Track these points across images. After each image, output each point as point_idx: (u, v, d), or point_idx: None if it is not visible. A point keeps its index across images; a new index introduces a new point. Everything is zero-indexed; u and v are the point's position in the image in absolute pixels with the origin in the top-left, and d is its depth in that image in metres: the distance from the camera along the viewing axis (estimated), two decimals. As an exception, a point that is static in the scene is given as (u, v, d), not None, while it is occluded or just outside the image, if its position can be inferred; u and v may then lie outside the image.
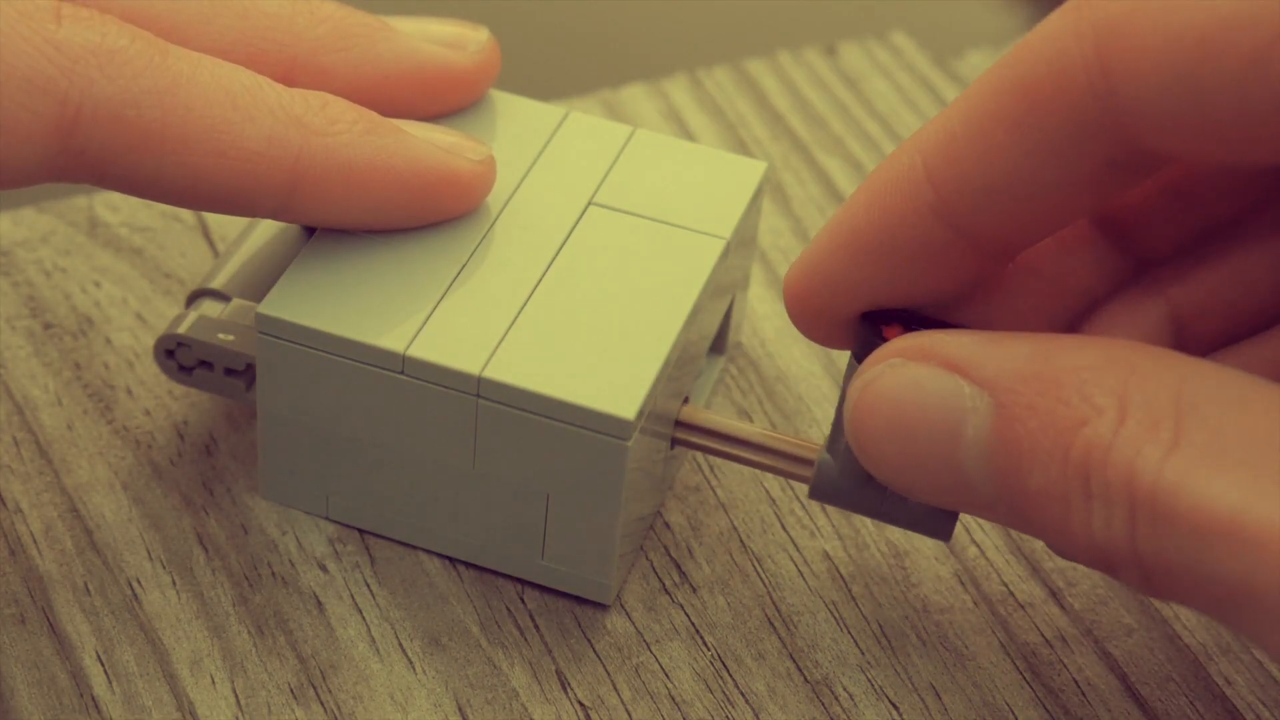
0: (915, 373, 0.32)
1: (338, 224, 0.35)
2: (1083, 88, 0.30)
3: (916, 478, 0.33)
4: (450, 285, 0.35)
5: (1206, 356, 0.34)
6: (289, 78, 0.36)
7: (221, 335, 0.37)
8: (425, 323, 0.35)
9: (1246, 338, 0.35)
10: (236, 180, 0.33)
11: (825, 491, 0.35)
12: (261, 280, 0.38)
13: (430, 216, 0.36)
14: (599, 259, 0.36)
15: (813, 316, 0.35)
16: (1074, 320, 0.35)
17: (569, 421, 0.34)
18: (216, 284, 0.38)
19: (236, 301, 0.37)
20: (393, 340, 0.34)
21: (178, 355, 0.37)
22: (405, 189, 0.35)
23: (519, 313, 0.35)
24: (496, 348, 0.34)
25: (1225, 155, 0.30)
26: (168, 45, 0.33)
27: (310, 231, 0.38)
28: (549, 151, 0.38)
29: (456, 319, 0.35)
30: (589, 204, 0.37)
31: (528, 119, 0.39)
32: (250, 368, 0.37)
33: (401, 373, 0.34)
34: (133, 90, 0.32)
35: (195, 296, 0.38)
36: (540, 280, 0.36)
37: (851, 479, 0.35)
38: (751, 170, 0.39)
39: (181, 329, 0.37)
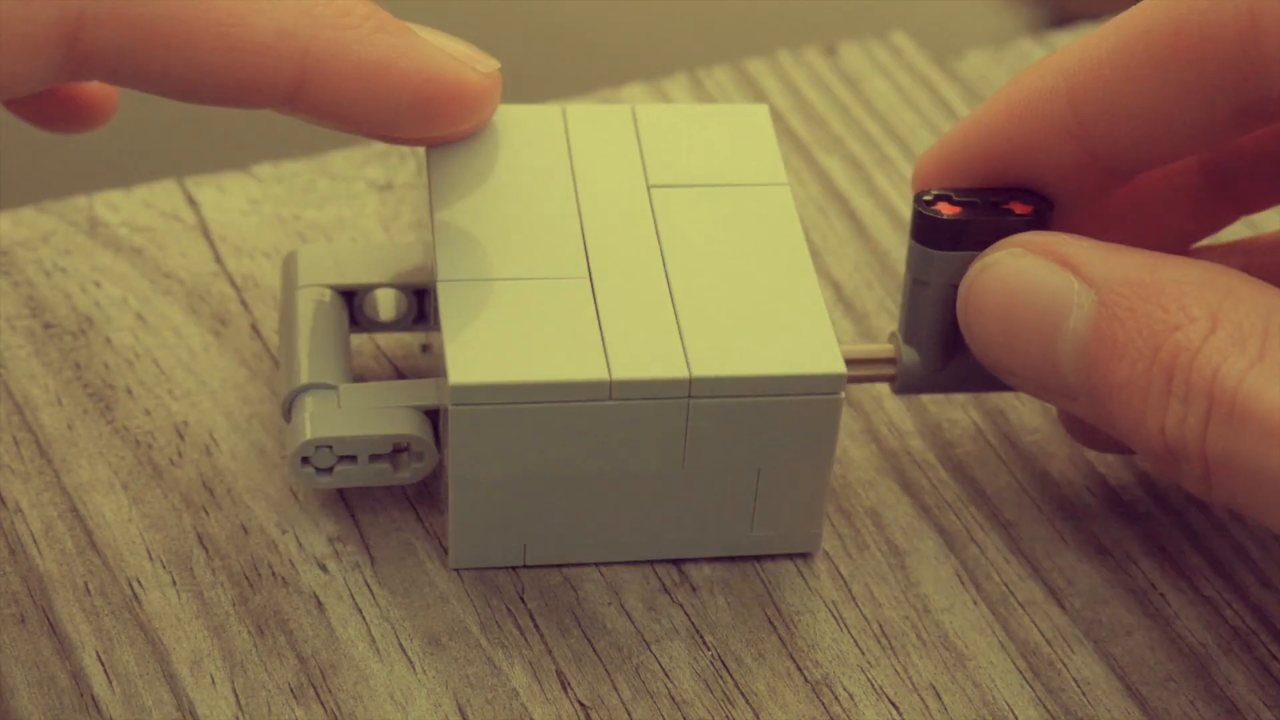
0: (1032, 263, 0.36)
1: (342, 123, 0.35)
2: (1232, 39, 0.34)
3: (1013, 358, 0.36)
4: (595, 302, 0.35)
5: None
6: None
7: (359, 425, 0.36)
8: (605, 344, 0.35)
9: None
10: (244, 73, 0.33)
11: (911, 384, 0.38)
12: (341, 361, 0.37)
13: (437, 126, 0.36)
14: (698, 236, 0.37)
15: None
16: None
17: (782, 393, 0.35)
18: (306, 379, 0.37)
19: (346, 386, 0.37)
20: (592, 370, 0.34)
21: (314, 460, 0.36)
22: (414, 92, 0.34)
23: (674, 308, 0.35)
24: (684, 347, 0.35)
25: None
26: None
27: (350, 311, 0.38)
28: (577, 149, 0.38)
29: (627, 332, 0.35)
30: (649, 189, 0.38)
31: (533, 123, 0.39)
32: (397, 449, 0.36)
33: (609, 399, 0.34)
34: None
35: (294, 397, 0.37)
36: (666, 272, 0.36)
37: (935, 366, 0.38)
38: (759, 115, 0.40)
39: (315, 432, 0.36)
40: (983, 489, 0.39)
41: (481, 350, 0.34)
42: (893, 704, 0.36)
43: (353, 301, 0.39)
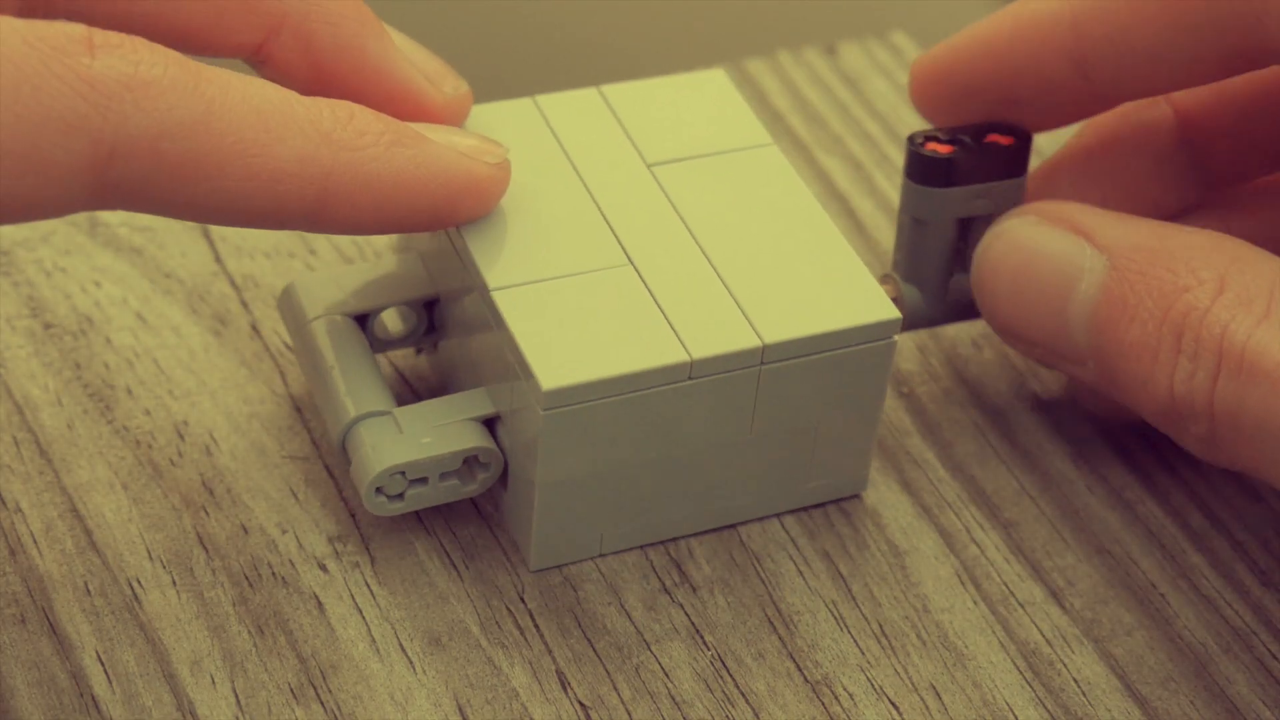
0: (1046, 229, 0.38)
1: (360, 233, 0.35)
2: None
3: (1025, 324, 0.38)
4: (647, 287, 0.36)
5: None
6: (273, 35, 0.36)
7: (427, 446, 0.36)
8: (673, 327, 0.35)
9: None
10: (267, 200, 0.33)
11: (915, 320, 0.40)
12: (381, 386, 0.37)
13: (449, 221, 0.36)
14: (714, 208, 0.37)
15: (930, 99, 0.40)
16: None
17: (845, 346, 0.36)
18: (357, 410, 0.36)
19: (399, 410, 0.36)
20: (670, 354, 0.35)
21: (387, 488, 0.36)
22: (429, 198, 0.35)
23: (722, 281, 0.36)
24: (747, 317, 0.35)
25: None
26: (200, 67, 0.33)
27: (363, 328, 0.38)
28: (565, 138, 0.39)
29: (689, 311, 0.35)
30: (649, 167, 0.38)
31: (511, 119, 0.39)
32: (468, 461, 0.36)
33: (689, 379, 0.35)
34: (167, 123, 0.32)
35: (349, 430, 0.36)
36: (701, 247, 0.37)
37: (937, 300, 0.40)
38: (719, 80, 0.40)
39: (386, 461, 0.36)
40: (983, 489, 0.39)
41: (560, 352, 0.35)
42: (893, 704, 0.36)
43: (363, 324, 0.38)
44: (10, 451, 0.38)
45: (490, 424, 0.37)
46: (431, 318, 0.39)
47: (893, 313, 0.36)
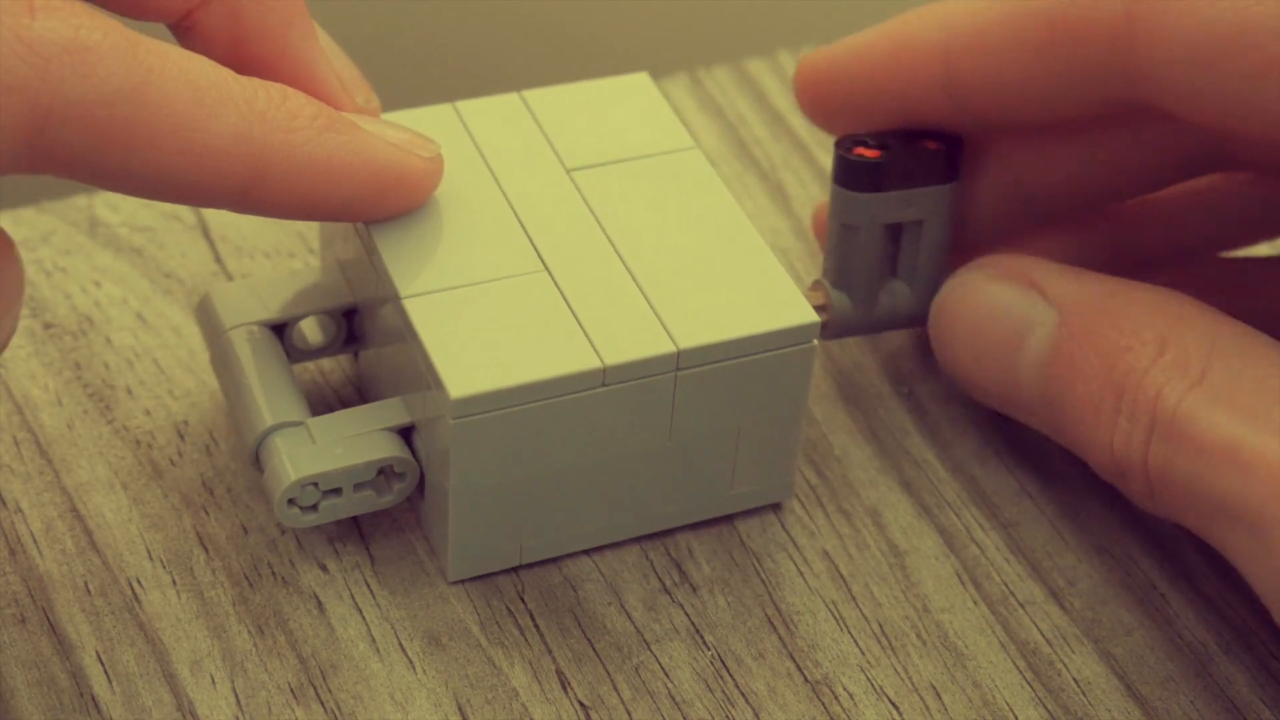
0: (1001, 284, 0.38)
1: (290, 217, 0.35)
2: (1106, 40, 0.36)
3: (979, 373, 0.39)
4: (562, 293, 0.35)
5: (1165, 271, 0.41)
6: (204, 3, 0.35)
7: (340, 456, 0.36)
8: (586, 333, 0.35)
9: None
10: (199, 175, 0.33)
11: (842, 328, 0.40)
12: (296, 396, 0.37)
13: (380, 212, 0.36)
14: (633, 212, 0.37)
15: (811, 105, 0.40)
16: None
17: (763, 350, 0.35)
18: (271, 420, 0.36)
19: (313, 420, 0.36)
20: (583, 360, 0.34)
21: (299, 500, 0.36)
22: (360, 186, 0.35)
23: (638, 286, 0.36)
24: (663, 322, 0.35)
25: (1215, 125, 0.36)
26: (139, 37, 0.33)
27: (281, 338, 0.38)
28: (484, 145, 0.38)
29: (603, 317, 0.35)
30: (569, 173, 0.38)
31: (430, 125, 0.39)
32: (384, 472, 0.36)
33: (603, 385, 0.35)
34: (104, 90, 0.32)
35: (262, 440, 0.36)
36: (618, 252, 0.36)
37: (866, 308, 0.40)
38: (642, 84, 0.40)
39: (299, 472, 0.35)
40: (983, 489, 0.39)
41: (470, 360, 0.34)
42: (893, 704, 0.36)
43: (282, 334, 0.38)
44: (10, 451, 0.38)
45: (406, 434, 0.36)
46: (351, 327, 0.39)
47: (811, 317, 0.36)
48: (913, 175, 0.38)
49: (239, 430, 0.37)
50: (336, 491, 0.36)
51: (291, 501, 0.35)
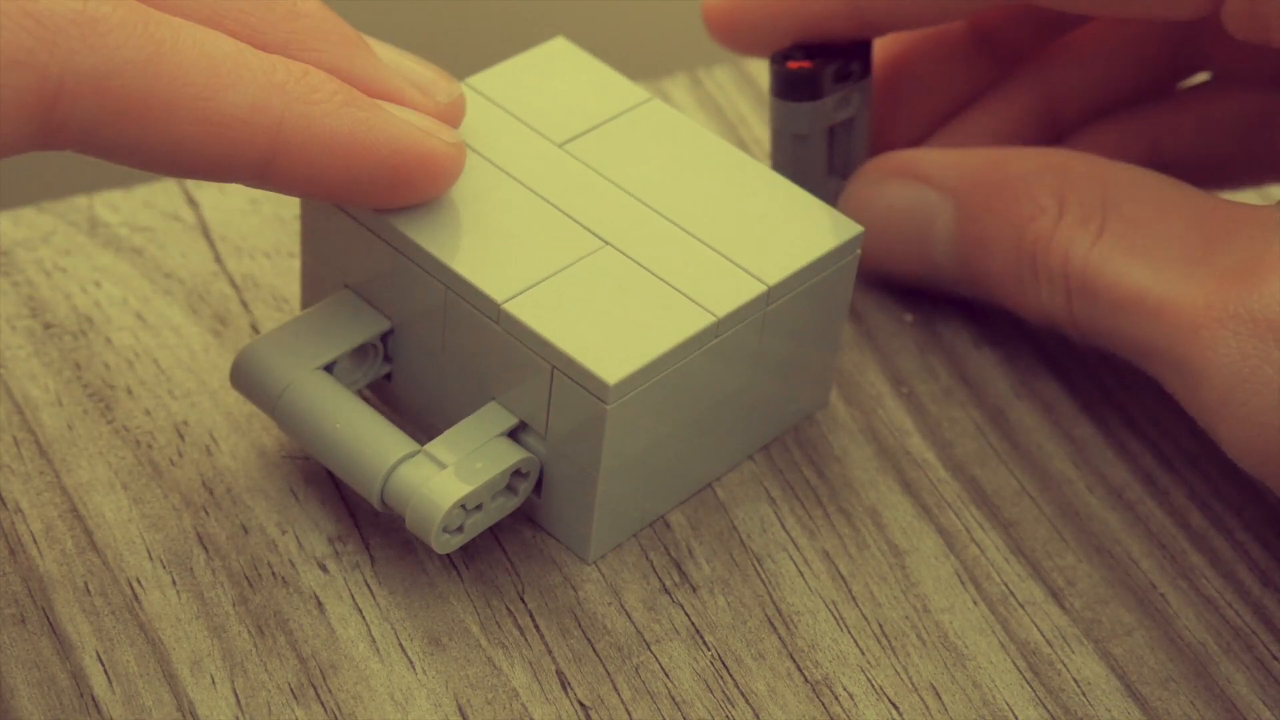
0: (890, 186, 0.41)
1: (313, 195, 0.35)
2: None
3: (895, 267, 0.42)
4: (636, 261, 0.36)
5: (1078, 132, 0.44)
6: None
7: (480, 471, 0.35)
8: (682, 293, 0.36)
9: (1110, 114, 0.44)
10: (218, 147, 0.33)
11: None
12: (392, 426, 0.36)
13: (403, 197, 0.36)
14: (644, 171, 0.38)
15: (724, 35, 0.42)
16: (953, 115, 0.44)
17: (826, 269, 0.37)
18: (394, 456, 0.35)
19: (429, 446, 0.36)
20: (698, 320, 0.36)
21: (449, 524, 0.35)
22: (382, 165, 0.35)
23: (696, 239, 0.37)
24: (741, 267, 0.36)
25: (1100, 8, 0.39)
26: (148, 10, 0.32)
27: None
28: (468, 136, 0.38)
29: (686, 275, 0.36)
30: (561, 147, 0.38)
31: None
32: (518, 473, 0.36)
33: (716, 337, 0.36)
34: (115, 60, 0.32)
35: (389, 476, 0.35)
36: (656, 212, 0.37)
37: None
38: (564, 48, 0.41)
39: (450, 498, 0.35)
40: (983, 489, 0.39)
41: (603, 345, 0.35)
42: (893, 704, 0.36)
43: (330, 371, 0.37)
44: (10, 451, 0.38)
45: (515, 434, 0.37)
46: (388, 348, 0.38)
47: (855, 229, 0.38)
48: (844, 77, 0.41)
49: (351, 479, 0.36)
50: (478, 507, 0.36)
51: (445, 528, 0.35)
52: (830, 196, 0.42)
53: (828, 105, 0.41)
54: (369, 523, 0.37)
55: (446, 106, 0.37)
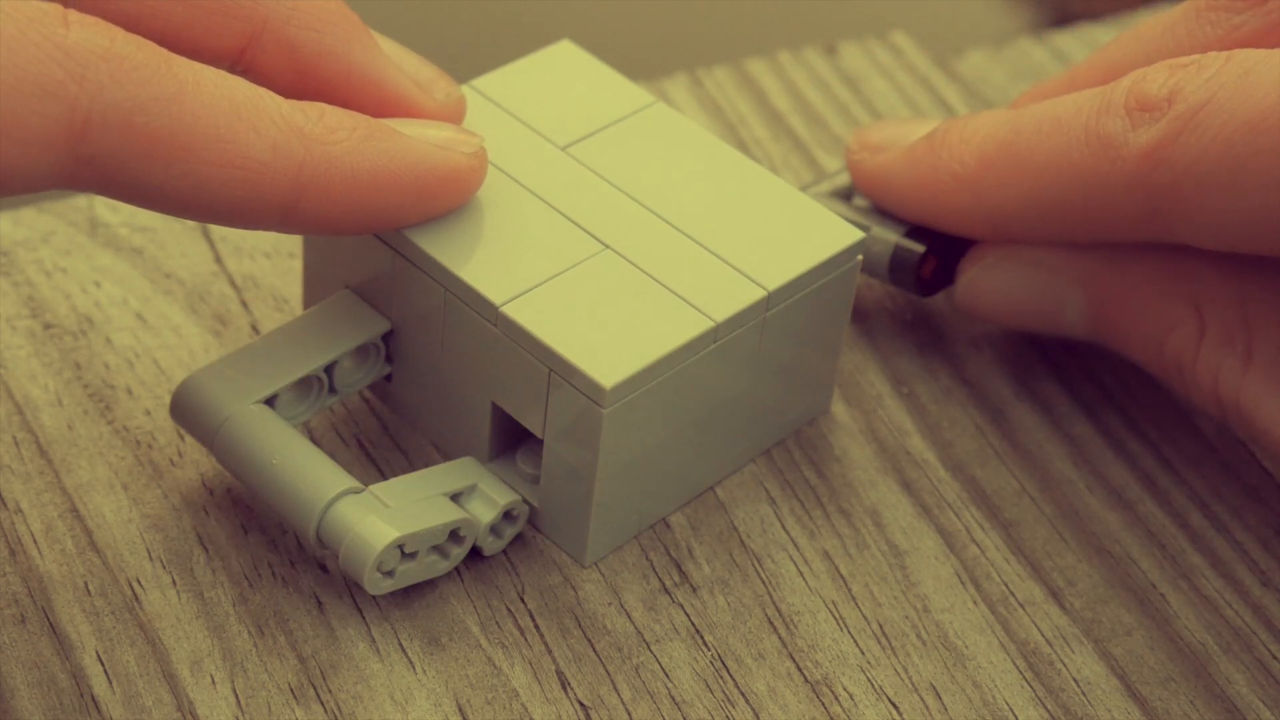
0: (1009, 270, 0.39)
1: (337, 231, 0.35)
2: (1137, 223, 0.36)
3: (1021, 327, 0.41)
4: (635, 265, 0.36)
5: None
6: (254, 40, 0.35)
7: (423, 517, 0.35)
8: (682, 297, 0.36)
9: None
10: (241, 190, 0.33)
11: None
12: (335, 466, 0.36)
13: (427, 214, 0.36)
14: (645, 176, 0.38)
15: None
16: None
17: (825, 275, 0.37)
18: (335, 489, 0.35)
19: (376, 486, 0.36)
20: (697, 324, 0.35)
21: (384, 564, 0.35)
22: (405, 191, 0.35)
23: (697, 243, 0.37)
24: (741, 271, 0.36)
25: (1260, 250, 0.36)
26: (170, 54, 0.33)
27: (330, 381, 0.37)
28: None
29: (686, 279, 0.36)
30: (564, 150, 0.38)
31: None
32: (454, 534, 0.36)
33: (714, 342, 0.36)
34: (141, 97, 0.32)
35: (326, 511, 0.35)
36: (658, 216, 0.37)
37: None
38: (569, 51, 0.41)
39: (390, 535, 0.34)
40: (983, 489, 0.39)
41: (599, 348, 0.35)
42: (893, 704, 0.36)
43: (331, 372, 0.37)
44: (10, 451, 0.38)
45: (455, 498, 0.37)
46: (389, 349, 0.38)
47: (856, 235, 0.37)
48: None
49: (283, 513, 0.36)
50: (412, 556, 0.35)
51: (379, 566, 0.35)
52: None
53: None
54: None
55: (445, 105, 0.37)
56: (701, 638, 0.36)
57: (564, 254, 0.36)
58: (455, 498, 0.36)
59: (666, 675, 0.36)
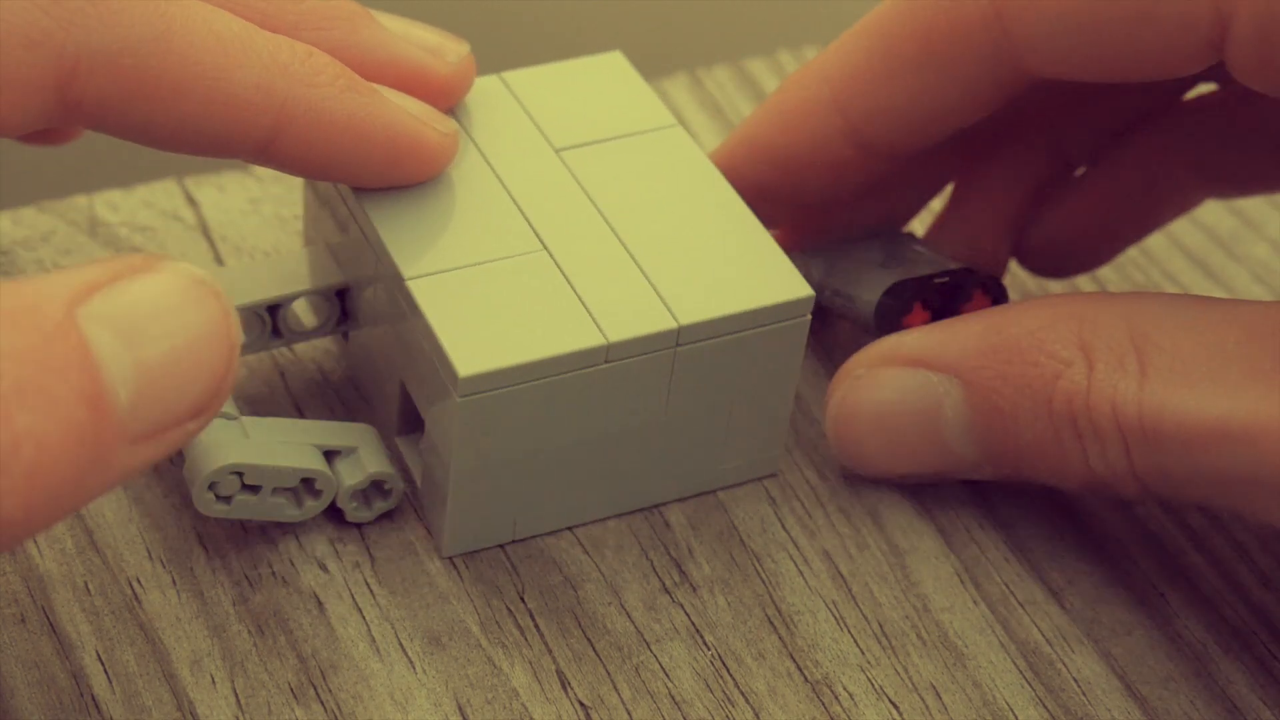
0: (883, 376, 0.37)
1: (308, 174, 0.36)
2: (979, 30, 0.36)
3: (905, 463, 0.38)
4: (562, 272, 0.36)
5: (1101, 161, 0.42)
6: None
7: (272, 455, 0.36)
8: (589, 311, 0.35)
9: (1130, 135, 0.42)
10: (222, 126, 0.34)
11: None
12: (238, 392, 0.36)
13: (393, 179, 0.36)
14: (624, 191, 0.38)
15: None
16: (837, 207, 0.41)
17: (758, 325, 0.36)
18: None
19: (248, 419, 0.36)
20: (586, 338, 0.35)
21: (219, 487, 0.36)
22: (377, 149, 0.36)
23: (637, 264, 0.36)
24: (663, 299, 0.35)
25: (1101, 77, 0.36)
26: None
27: (274, 324, 0.38)
28: (471, 126, 0.39)
29: (604, 295, 0.35)
30: (557, 152, 0.38)
31: None
32: (304, 481, 0.36)
33: (605, 362, 0.35)
34: (129, 39, 0.32)
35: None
36: (614, 231, 0.37)
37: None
38: (618, 63, 0.40)
39: (230, 458, 0.35)
40: (983, 489, 0.39)
41: (477, 339, 0.34)
42: (893, 704, 0.36)
43: (276, 314, 0.38)
44: (10, 451, 0.38)
45: (333, 457, 0.37)
46: (344, 307, 0.39)
47: (805, 291, 0.36)
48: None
49: None
50: (255, 489, 0.36)
51: (212, 486, 0.35)
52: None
53: None
54: (369, 523, 0.37)
55: (457, 66, 0.38)
56: (701, 637, 0.36)
57: (498, 246, 0.36)
58: (332, 455, 0.37)
59: (666, 675, 0.36)
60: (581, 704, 0.35)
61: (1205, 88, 0.42)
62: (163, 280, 0.29)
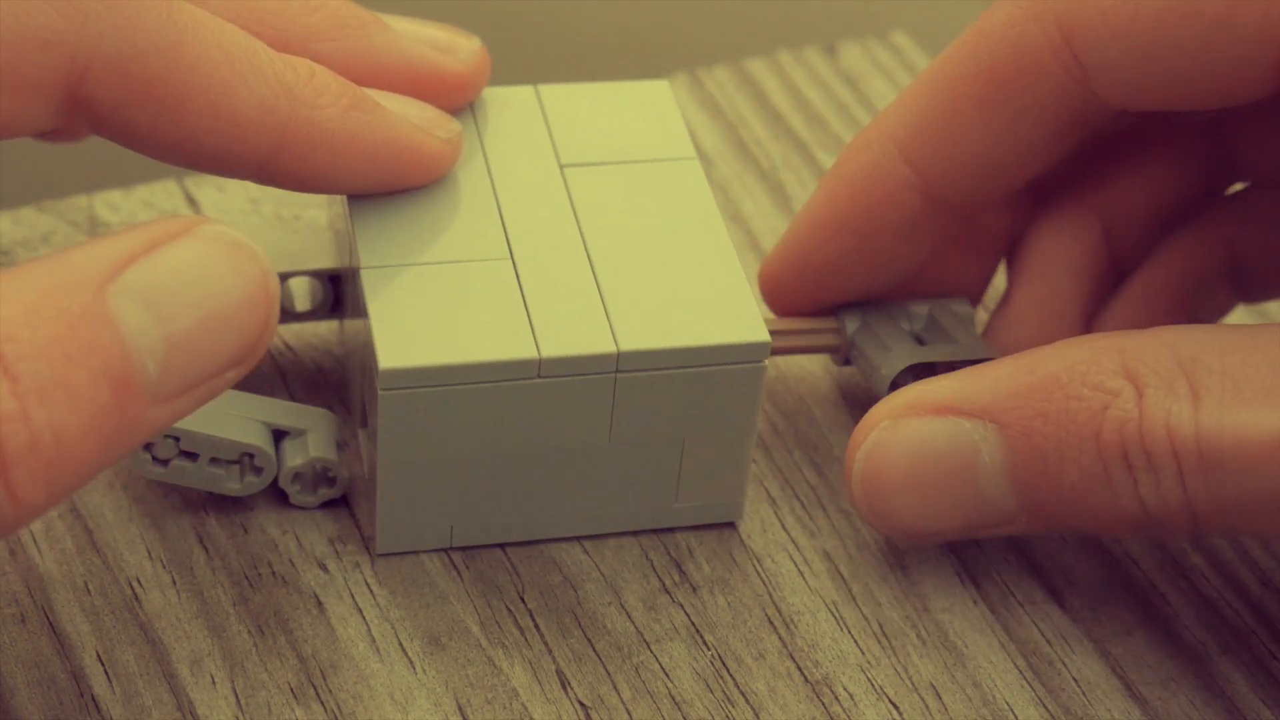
0: (912, 427, 0.35)
1: (308, 189, 0.36)
2: (1048, 58, 0.35)
3: (939, 520, 0.36)
4: (519, 282, 0.36)
5: (1146, 259, 0.40)
6: None
7: (211, 425, 0.36)
8: (531, 323, 0.35)
9: (1171, 232, 0.40)
10: (223, 142, 0.34)
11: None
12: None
13: (395, 186, 0.37)
14: (614, 213, 0.37)
15: (790, 297, 0.39)
16: (1008, 256, 0.41)
17: (707, 364, 0.35)
18: None
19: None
20: (520, 349, 0.34)
21: (155, 448, 0.36)
22: (377, 164, 0.36)
23: (597, 285, 0.36)
24: (610, 322, 0.35)
25: (1182, 105, 0.35)
26: (174, 1, 0.33)
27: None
28: (485, 132, 0.39)
29: (553, 310, 0.35)
30: (562, 168, 0.38)
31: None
32: (245, 456, 0.36)
33: (538, 376, 0.35)
34: (140, 44, 0.32)
35: None
36: (587, 250, 0.36)
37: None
38: (660, 91, 0.40)
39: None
40: (983, 489, 0.39)
41: (409, 334, 0.34)
42: (893, 704, 0.36)
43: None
44: (10, 451, 0.38)
45: (283, 436, 0.37)
46: (338, 293, 0.39)
47: (762, 336, 0.35)
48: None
49: None
50: (192, 457, 0.36)
51: (148, 447, 0.36)
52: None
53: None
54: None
55: (469, 62, 0.38)
56: (701, 637, 0.36)
57: (464, 249, 0.36)
58: (282, 435, 0.37)
59: (666, 675, 0.36)
60: (581, 704, 0.35)
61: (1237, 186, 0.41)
62: (198, 247, 0.29)
